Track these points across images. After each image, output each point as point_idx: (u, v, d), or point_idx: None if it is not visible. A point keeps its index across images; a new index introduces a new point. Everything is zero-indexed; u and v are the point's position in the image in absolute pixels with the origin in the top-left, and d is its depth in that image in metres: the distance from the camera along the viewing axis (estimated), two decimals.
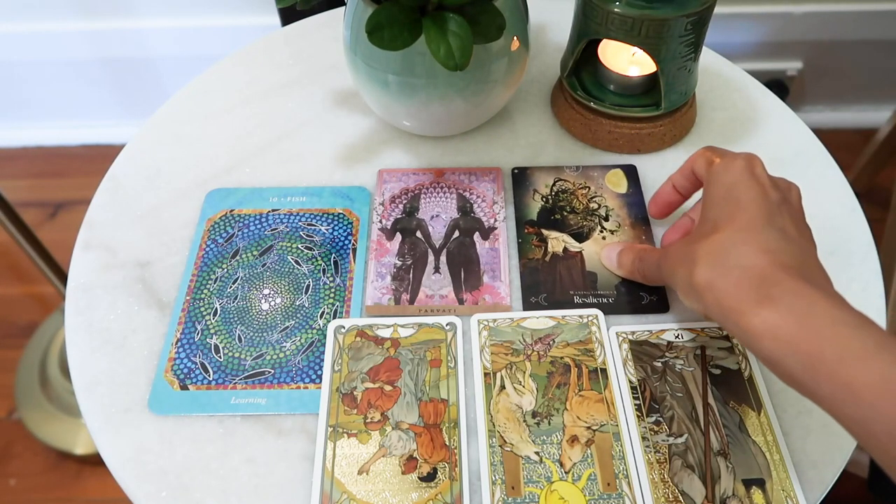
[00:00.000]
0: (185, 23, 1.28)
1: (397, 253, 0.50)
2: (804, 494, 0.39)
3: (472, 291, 0.47)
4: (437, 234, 0.51)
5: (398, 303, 0.47)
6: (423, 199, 0.53)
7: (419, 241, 0.50)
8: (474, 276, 0.48)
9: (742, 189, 0.39)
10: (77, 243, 0.52)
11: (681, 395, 0.43)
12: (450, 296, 0.47)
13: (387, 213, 0.52)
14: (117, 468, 0.41)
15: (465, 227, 0.51)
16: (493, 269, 0.48)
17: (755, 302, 0.34)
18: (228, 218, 0.53)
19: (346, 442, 0.41)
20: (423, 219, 0.52)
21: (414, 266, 0.49)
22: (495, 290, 0.47)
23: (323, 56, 0.65)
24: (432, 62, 0.44)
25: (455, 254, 0.49)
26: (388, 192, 0.53)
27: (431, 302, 0.47)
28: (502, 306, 0.47)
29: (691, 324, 0.46)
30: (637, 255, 0.47)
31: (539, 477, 0.40)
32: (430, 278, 0.48)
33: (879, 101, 1.43)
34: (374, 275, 0.49)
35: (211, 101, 0.62)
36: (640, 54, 0.54)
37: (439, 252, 0.49)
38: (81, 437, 1.10)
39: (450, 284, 0.48)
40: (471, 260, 0.49)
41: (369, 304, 0.47)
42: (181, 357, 0.45)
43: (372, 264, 0.49)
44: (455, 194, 0.53)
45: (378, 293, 0.48)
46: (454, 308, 0.47)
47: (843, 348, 0.31)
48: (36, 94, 1.43)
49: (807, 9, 1.25)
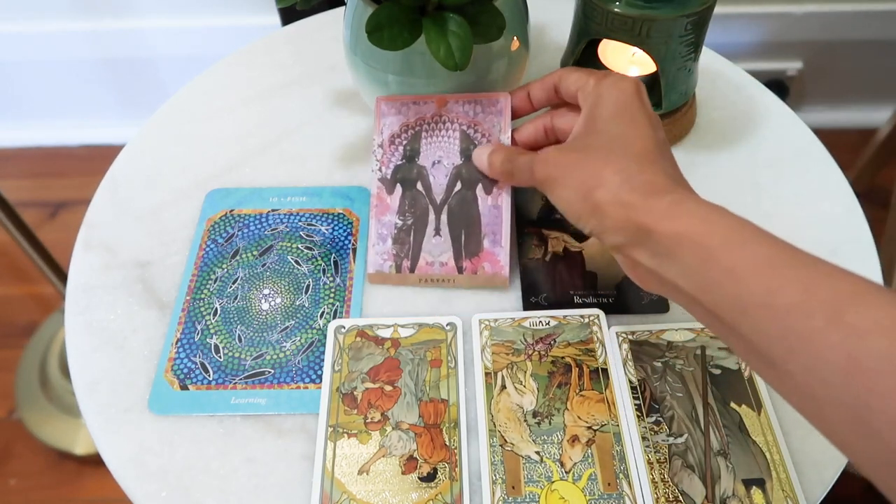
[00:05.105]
0: (185, 23, 1.28)
1: (398, 210, 0.48)
2: (804, 494, 0.39)
3: (472, 258, 0.47)
4: (438, 185, 0.49)
5: (399, 270, 0.47)
6: (424, 140, 0.50)
7: (420, 196, 0.49)
8: (475, 239, 0.47)
9: (637, 112, 0.40)
10: (77, 243, 0.52)
11: (681, 395, 0.43)
12: (449, 263, 0.47)
13: (386, 158, 0.49)
14: (117, 468, 0.41)
15: (468, 177, 0.49)
16: (493, 232, 0.47)
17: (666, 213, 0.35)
18: (228, 218, 0.53)
19: (346, 442, 0.41)
20: (424, 166, 0.49)
21: (415, 227, 0.48)
22: (495, 257, 0.47)
23: (323, 56, 0.65)
24: (432, 62, 0.44)
25: (456, 212, 0.48)
26: (387, 129, 0.50)
27: (431, 270, 0.47)
28: (499, 278, 0.47)
29: (691, 324, 0.46)
30: (507, 156, 0.46)
31: (539, 477, 0.40)
32: (431, 242, 0.47)
33: (879, 101, 1.43)
34: (376, 237, 0.48)
35: (211, 101, 0.62)
36: (640, 54, 0.54)
37: (440, 209, 0.48)
38: (81, 437, 1.10)
39: (450, 249, 0.47)
40: (472, 220, 0.48)
41: (371, 272, 0.47)
42: (181, 357, 0.45)
43: (373, 224, 0.48)
44: (458, 132, 0.50)
45: (379, 259, 0.47)
46: (453, 278, 0.47)
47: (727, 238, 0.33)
48: (36, 94, 1.43)
49: (807, 9, 1.25)
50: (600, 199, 0.37)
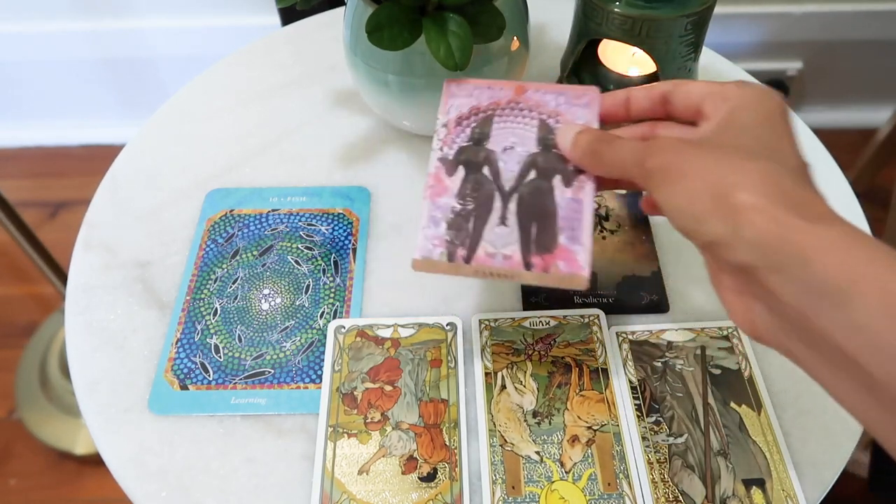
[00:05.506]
0: (185, 23, 1.28)
1: (457, 193, 0.40)
2: (804, 494, 0.39)
3: (544, 254, 0.38)
4: (508, 171, 0.41)
5: (452, 259, 0.38)
6: (496, 124, 0.42)
7: (485, 181, 0.41)
8: (548, 233, 0.38)
9: (788, 128, 0.35)
10: (77, 243, 0.52)
11: (681, 395, 0.43)
12: (515, 257, 0.38)
13: (450, 139, 0.42)
14: (117, 468, 0.41)
15: (545, 166, 0.40)
16: (572, 227, 0.38)
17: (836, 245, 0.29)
18: (228, 218, 0.53)
19: (346, 442, 0.41)
20: (493, 150, 0.42)
21: (476, 213, 0.40)
22: (572, 255, 0.37)
23: (323, 56, 0.65)
24: (432, 62, 0.44)
25: (528, 201, 0.40)
26: (454, 111, 0.43)
27: (492, 263, 0.38)
28: (578, 279, 0.37)
29: (691, 324, 0.46)
30: (599, 136, 0.38)
31: (539, 476, 0.40)
32: (494, 231, 0.39)
33: (879, 101, 1.43)
34: (428, 219, 0.39)
35: (211, 101, 0.62)
36: (640, 54, 0.54)
37: (508, 197, 0.40)
38: (81, 437, 1.10)
39: (517, 241, 0.38)
40: (546, 212, 0.39)
41: (417, 258, 0.38)
42: (181, 357, 0.45)
43: (426, 205, 0.40)
44: (536, 121, 0.42)
45: (429, 244, 0.39)
46: (518, 274, 0.38)
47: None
48: (36, 94, 1.43)
49: (807, 9, 1.25)
50: (741, 203, 0.30)
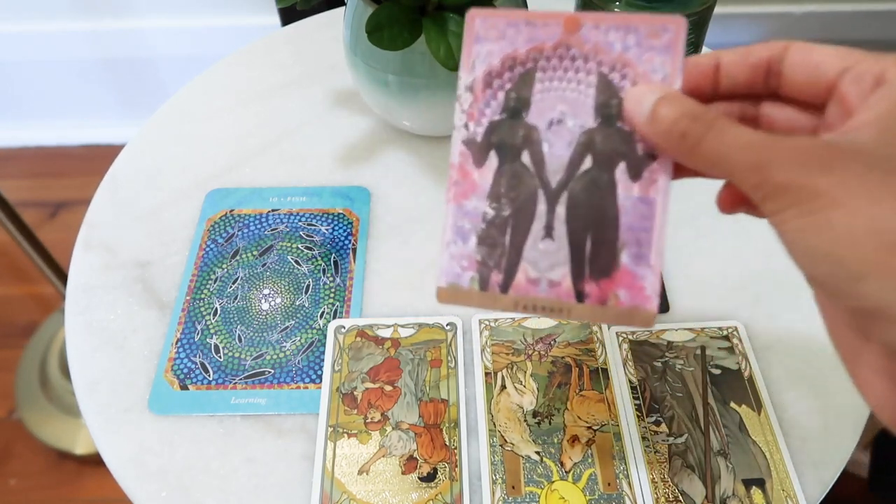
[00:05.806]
0: (185, 23, 1.28)
1: (490, 192, 0.31)
2: (804, 494, 0.39)
3: (601, 280, 0.29)
4: (555, 158, 0.30)
5: (485, 287, 0.30)
6: (539, 84, 0.31)
7: (525, 174, 0.31)
8: (607, 249, 0.29)
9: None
10: (77, 243, 0.52)
11: (681, 395, 0.43)
12: (564, 283, 0.29)
13: (477, 109, 0.31)
14: (117, 468, 0.41)
15: (605, 149, 0.30)
16: (638, 241, 0.29)
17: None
18: (228, 218, 0.53)
19: (346, 442, 0.41)
20: (535, 126, 0.31)
21: (514, 220, 0.30)
22: (636, 280, 0.29)
23: (323, 56, 0.65)
24: (432, 62, 0.44)
25: (581, 204, 0.30)
26: (481, 62, 0.31)
27: (536, 292, 0.30)
28: (642, 315, 0.28)
29: (691, 324, 0.46)
30: (697, 115, 0.26)
31: (539, 477, 0.40)
32: (538, 247, 0.30)
33: None
34: (453, 231, 0.31)
35: (211, 101, 0.62)
36: None
37: (556, 197, 0.30)
38: (81, 437, 1.10)
39: (566, 262, 0.30)
40: (604, 219, 0.30)
41: (443, 286, 0.30)
42: (181, 357, 0.45)
43: (451, 210, 0.31)
44: (595, 76, 0.30)
45: (457, 267, 0.30)
46: (567, 307, 0.29)
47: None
48: (36, 94, 1.43)
49: (807, 9, 1.25)
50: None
